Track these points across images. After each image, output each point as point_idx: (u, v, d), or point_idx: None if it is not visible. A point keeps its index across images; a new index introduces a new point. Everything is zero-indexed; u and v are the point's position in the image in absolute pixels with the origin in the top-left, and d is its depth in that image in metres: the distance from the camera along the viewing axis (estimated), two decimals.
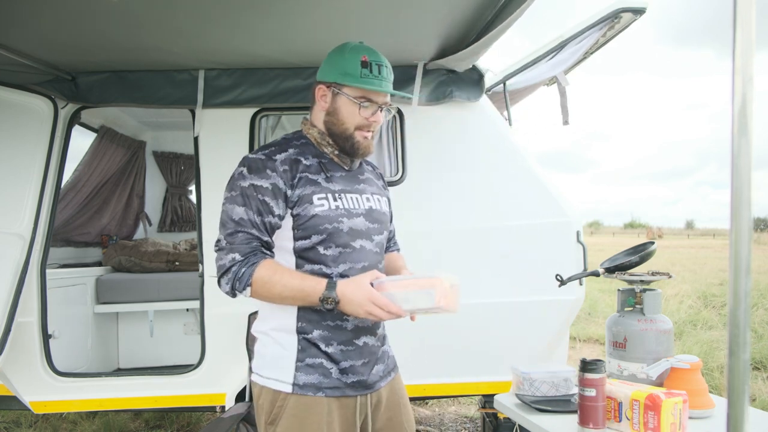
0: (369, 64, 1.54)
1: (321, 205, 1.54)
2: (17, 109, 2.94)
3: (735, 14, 1.02)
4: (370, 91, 1.55)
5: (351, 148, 1.60)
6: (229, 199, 1.55)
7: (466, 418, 4.22)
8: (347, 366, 1.57)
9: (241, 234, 1.50)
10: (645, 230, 68.03)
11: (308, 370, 1.54)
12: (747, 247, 1.03)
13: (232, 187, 1.56)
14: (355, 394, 1.59)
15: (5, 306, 2.71)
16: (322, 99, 1.61)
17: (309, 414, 1.52)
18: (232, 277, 1.48)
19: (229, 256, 1.49)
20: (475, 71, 3.02)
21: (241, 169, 1.57)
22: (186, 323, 4.20)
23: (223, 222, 1.54)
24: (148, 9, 2.20)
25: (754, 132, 1.03)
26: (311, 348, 1.55)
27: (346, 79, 1.54)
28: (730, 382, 1.04)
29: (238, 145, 3.04)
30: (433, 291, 1.41)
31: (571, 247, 3.03)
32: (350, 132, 1.58)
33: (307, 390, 1.52)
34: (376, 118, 1.59)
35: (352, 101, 1.56)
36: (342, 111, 1.57)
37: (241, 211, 1.51)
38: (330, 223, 1.54)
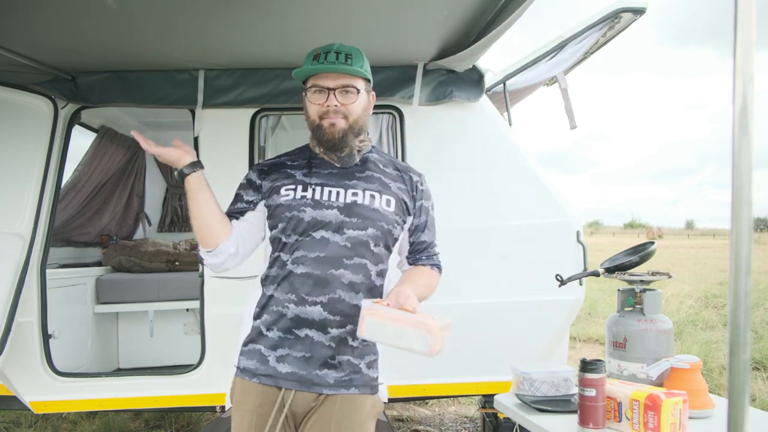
0: (318, 55, 1.59)
1: (286, 195, 1.62)
2: (17, 109, 2.94)
3: (735, 14, 1.02)
4: (317, 76, 1.59)
5: (322, 137, 1.61)
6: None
7: (466, 418, 4.22)
8: (284, 354, 1.55)
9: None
10: (645, 230, 68.04)
11: (249, 355, 1.60)
12: (747, 247, 1.03)
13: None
14: (284, 386, 1.54)
15: (5, 306, 2.71)
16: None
17: (245, 398, 1.57)
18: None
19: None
20: (475, 71, 3.02)
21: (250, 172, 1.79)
22: (186, 323, 4.20)
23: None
24: (148, 10, 2.20)
25: (754, 132, 1.03)
26: (256, 333, 1.61)
27: (298, 74, 1.62)
28: (730, 382, 1.04)
29: (238, 145, 3.04)
30: (429, 337, 1.36)
31: (571, 247, 3.03)
32: (317, 122, 1.61)
33: (245, 374, 1.58)
34: (330, 101, 1.57)
35: (307, 92, 1.62)
36: (307, 107, 1.63)
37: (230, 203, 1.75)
38: (290, 212, 1.59)
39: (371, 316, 1.40)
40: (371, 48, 2.71)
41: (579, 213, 3.16)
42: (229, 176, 3.01)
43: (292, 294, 1.55)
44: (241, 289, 2.98)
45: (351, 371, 1.58)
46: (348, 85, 1.59)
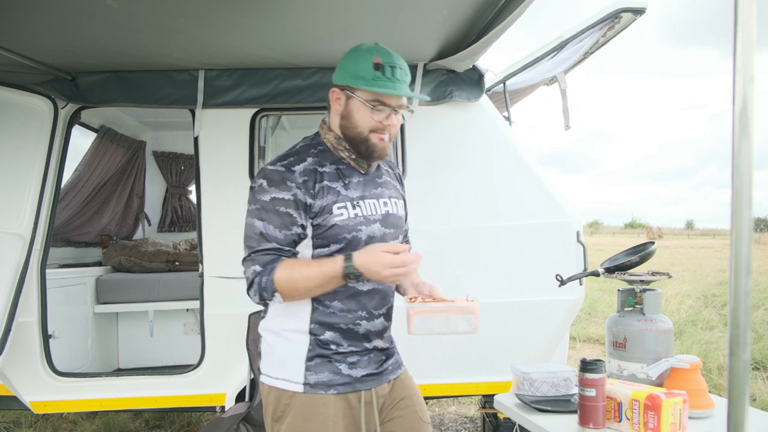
0: (382, 66, 1.52)
1: (340, 215, 1.55)
2: (17, 109, 2.94)
3: (736, 14, 1.02)
4: (383, 94, 1.53)
5: (366, 150, 1.58)
6: (251, 213, 1.57)
7: (466, 418, 4.22)
8: (355, 360, 1.59)
9: (262, 248, 1.54)
10: (645, 230, 68.03)
11: (318, 369, 1.55)
12: (747, 247, 1.03)
13: (253, 200, 1.56)
14: (362, 389, 1.60)
15: (5, 306, 2.71)
16: (336, 102, 1.60)
17: (315, 412, 1.53)
18: (257, 288, 1.52)
19: (251, 269, 1.54)
20: (475, 71, 3.02)
21: (260, 181, 1.55)
22: (186, 323, 4.20)
23: (247, 236, 1.57)
24: (148, 10, 2.20)
25: (754, 132, 1.03)
26: (321, 348, 1.57)
27: (358, 82, 1.52)
28: (730, 382, 1.04)
29: (238, 145, 3.04)
30: (472, 317, 1.55)
31: (571, 247, 3.02)
32: (365, 135, 1.56)
33: (318, 389, 1.54)
34: (390, 121, 1.56)
35: (365, 105, 1.53)
36: (355, 115, 1.55)
37: (261, 225, 1.53)
38: (349, 233, 1.55)
39: (417, 315, 1.53)
40: None
41: (579, 213, 3.16)
42: (229, 176, 3.05)
43: (362, 311, 1.60)
44: (241, 289, 2.98)
45: (396, 354, 1.75)
46: (402, 106, 1.59)
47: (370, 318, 1.61)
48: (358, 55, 1.55)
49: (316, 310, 1.57)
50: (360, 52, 1.55)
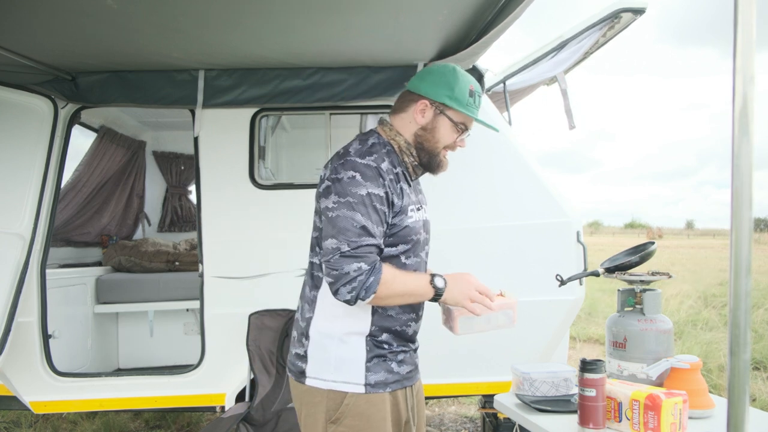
0: (474, 94, 1.63)
1: (411, 217, 1.62)
2: (17, 109, 2.94)
3: (736, 14, 1.02)
4: (469, 119, 1.64)
5: (433, 164, 1.67)
6: (347, 205, 1.51)
7: (466, 418, 4.22)
8: (402, 358, 1.66)
9: (366, 243, 1.49)
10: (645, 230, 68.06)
11: (376, 369, 1.60)
12: (747, 247, 1.03)
13: (346, 192, 1.51)
14: (408, 385, 1.68)
15: (5, 306, 2.71)
16: (420, 113, 1.64)
17: (375, 410, 1.58)
18: (358, 286, 1.47)
19: (354, 265, 1.47)
20: (475, 71, 3.02)
21: (352, 173, 1.52)
22: (186, 323, 4.20)
23: (344, 228, 1.49)
24: (148, 10, 2.20)
25: (754, 132, 1.03)
26: (378, 347, 1.61)
27: (453, 103, 1.61)
28: (730, 382, 1.04)
29: (238, 145, 3.04)
30: (511, 312, 1.65)
31: (571, 247, 3.02)
32: (439, 150, 1.66)
33: (378, 388, 1.59)
34: (463, 143, 1.69)
35: (454, 125, 1.63)
36: (440, 130, 1.64)
37: (362, 219, 1.49)
38: (415, 235, 1.62)
39: (461, 315, 1.61)
40: (371, 48, 2.73)
41: (579, 213, 3.16)
42: (229, 176, 3.05)
43: (413, 313, 1.68)
44: (241, 289, 2.99)
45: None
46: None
47: (417, 320, 1.70)
48: (458, 77, 1.62)
49: (376, 313, 1.60)
50: (459, 75, 1.63)
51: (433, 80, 1.62)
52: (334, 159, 1.60)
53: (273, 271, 2.99)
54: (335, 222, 1.50)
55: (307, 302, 1.66)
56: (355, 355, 1.59)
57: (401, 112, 1.67)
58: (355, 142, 1.63)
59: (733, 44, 1.03)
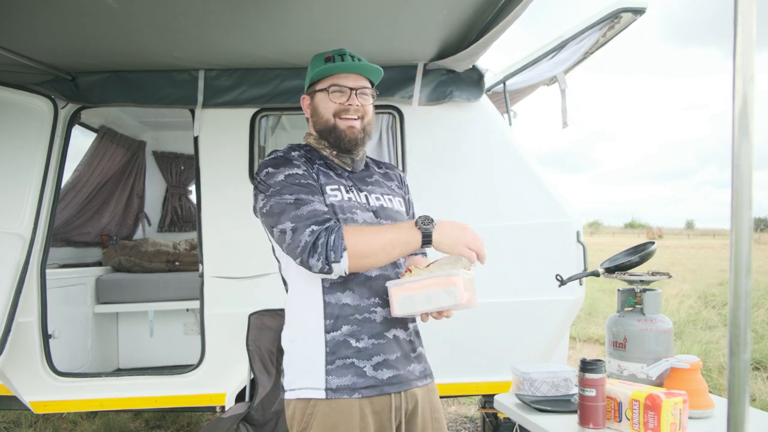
0: (332, 57, 1.62)
1: (335, 196, 1.55)
2: (17, 109, 2.94)
3: (735, 14, 1.02)
4: (336, 76, 1.60)
5: (336, 139, 1.60)
6: (272, 196, 1.48)
7: (466, 418, 4.22)
8: (380, 360, 1.50)
9: (305, 211, 1.43)
10: (645, 230, 68.04)
11: (340, 372, 1.47)
12: (747, 247, 1.03)
13: (266, 187, 1.50)
14: (390, 392, 1.51)
15: (5, 306, 2.71)
16: (307, 109, 1.69)
17: (341, 419, 1.44)
18: (321, 249, 1.38)
19: (306, 231, 1.39)
20: (475, 71, 3.02)
21: (265, 170, 1.53)
22: (186, 323, 4.20)
23: (279, 211, 1.45)
24: (148, 10, 2.20)
25: (754, 132, 1.03)
26: (340, 348, 1.48)
27: (313, 77, 1.62)
28: (730, 382, 1.04)
29: (238, 145, 3.04)
30: (454, 289, 1.40)
31: (571, 247, 3.02)
32: (332, 122, 1.60)
33: (341, 393, 1.45)
34: (352, 101, 1.59)
35: (324, 92, 1.61)
36: (320, 107, 1.62)
37: (291, 197, 1.45)
38: (344, 214, 1.53)
39: (399, 294, 1.44)
40: (371, 48, 2.72)
41: (579, 213, 3.16)
42: (229, 176, 3.05)
43: (375, 297, 1.53)
44: (240, 289, 2.99)
45: (425, 361, 1.66)
46: (366, 87, 1.63)
47: (385, 304, 1.53)
48: (313, 59, 1.67)
49: (329, 305, 1.50)
50: (314, 57, 1.67)
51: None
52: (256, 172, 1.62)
53: (273, 271, 2.94)
54: (271, 211, 1.46)
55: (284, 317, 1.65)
56: (313, 355, 1.49)
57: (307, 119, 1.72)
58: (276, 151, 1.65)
59: (733, 44, 1.03)
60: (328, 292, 1.52)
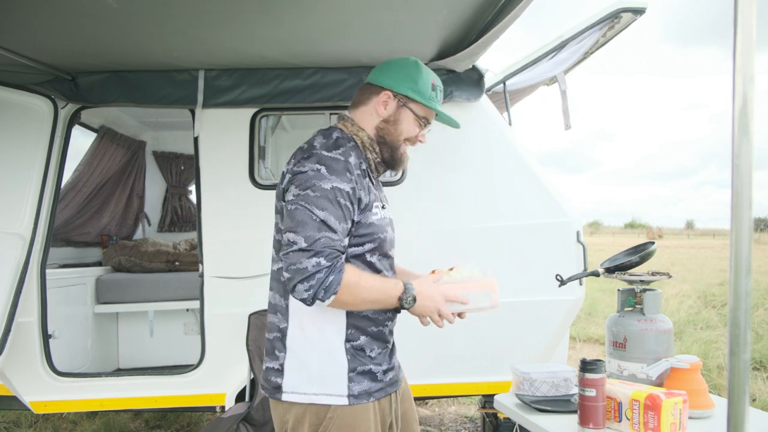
0: (436, 88, 1.62)
1: (376, 214, 1.56)
2: (17, 109, 2.94)
3: (735, 14, 1.02)
4: (431, 112, 1.63)
5: (394, 159, 1.63)
6: (307, 199, 1.42)
7: (466, 418, 4.22)
8: (387, 366, 1.61)
9: (324, 238, 1.40)
10: (645, 230, 68.04)
11: (359, 379, 1.53)
12: (747, 247, 1.03)
13: (308, 184, 1.44)
14: (392, 391, 1.63)
15: (5, 306, 2.71)
16: (383, 105, 1.59)
17: (361, 421, 1.51)
18: (316, 284, 1.37)
19: (313, 260, 1.38)
20: (475, 71, 3.02)
21: (317, 166, 1.45)
22: (186, 323, 4.20)
23: (301, 222, 1.41)
24: (148, 10, 2.20)
25: (754, 132, 1.03)
26: (359, 356, 1.54)
27: (417, 95, 1.58)
28: (730, 382, 1.04)
29: (238, 145, 3.04)
30: (491, 293, 1.57)
31: (571, 247, 3.02)
32: (400, 143, 1.62)
33: (361, 398, 1.52)
34: (424, 138, 1.67)
35: (416, 117, 1.60)
36: (403, 123, 1.60)
37: (323, 214, 1.41)
38: (381, 233, 1.56)
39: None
40: (371, 48, 2.73)
41: (579, 213, 3.16)
42: (229, 176, 3.05)
43: (389, 312, 1.60)
44: (240, 289, 2.99)
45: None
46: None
47: (394, 318, 1.64)
48: (420, 70, 1.60)
49: (351, 315, 1.53)
50: (420, 68, 1.61)
51: (395, 72, 1.59)
52: (297, 153, 1.52)
53: None
54: (294, 215, 1.42)
55: (279, 311, 1.56)
56: (337, 365, 1.51)
57: (362, 105, 1.62)
58: (318, 136, 1.56)
59: (733, 44, 1.03)
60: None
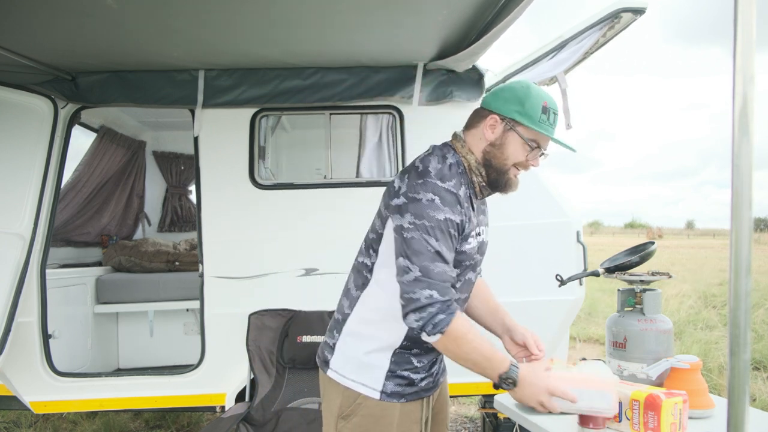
0: (548, 111, 1.57)
1: (470, 243, 1.58)
2: (17, 109, 2.94)
3: (735, 14, 1.02)
4: (542, 136, 1.57)
5: (501, 182, 1.62)
6: (423, 228, 1.45)
7: (466, 418, 4.22)
8: (425, 375, 1.65)
9: (438, 269, 1.45)
10: (645, 230, 68.03)
11: (397, 380, 1.59)
12: (747, 247, 1.03)
13: (423, 214, 1.46)
14: (425, 396, 1.67)
15: (5, 306, 2.71)
16: (490, 129, 1.59)
17: (385, 414, 1.58)
18: (426, 317, 1.43)
19: (426, 292, 1.43)
20: (475, 71, 3.02)
21: (432, 196, 1.47)
22: (186, 323, 4.20)
23: (417, 251, 1.45)
24: (148, 10, 2.20)
25: (754, 132, 1.03)
26: (403, 362, 1.60)
27: (524, 119, 1.55)
28: (730, 382, 1.04)
29: (238, 145, 3.04)
30: (610, 395, 1.46)
31: (571, 247, 3.02)
32: (507, 168, 1.60)
33: (393, 398, 1.58)
34: (536, 161, 1.61)
35: (524, 141, 1.57)
36: (509, 147, 1.58)
37: (437, 245, 1.45)
38: (469, 260, 1.59)
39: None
40: (371, 48, 2.73)
41: (579, 213, 3.16)
42: (229, 176, 3.05)
43: None
44: (240, 289, 2.99)
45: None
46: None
47: None
48: (528, 93, 1.56)
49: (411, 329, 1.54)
50: (530, 91, 1.57)
51: (503, 96, 1.59)
52: (412, 175, 1.52)
53: (273, 271, 2.99)
54: (410, 243, 1.45)
55: (348, 298, 1.65)
56: (379, 363, 1.59)
57: (472, 128, 1.65)
58: (433, 158, 1.57)
59: (733, 44, 1.03)
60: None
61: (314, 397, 2.88)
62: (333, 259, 2.96)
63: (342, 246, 3.06)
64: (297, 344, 2.92)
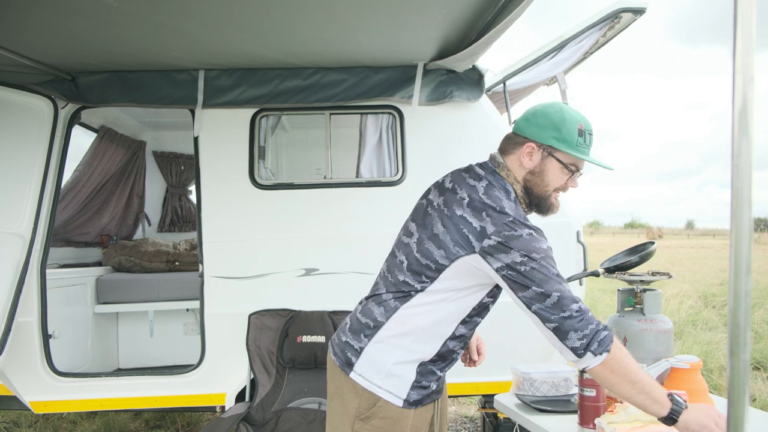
0: (584, 133, 1.56)
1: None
2: (17, 109, 2.94)
3: (735, 14, 1.02)
4: (580, 160, 1.58)
5: (543, 207, 1.63)
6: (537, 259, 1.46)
7: (466, 418, 4.22)
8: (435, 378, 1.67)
9: (569, 290, 1.47)
10: (645, 230, 68.02)
11: (419, 390, 1.62)
12: (747, 247, 1.03)
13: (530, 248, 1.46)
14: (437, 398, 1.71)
15: (5, 306, 2.71)
16: (528, 157, 1.59)
17: (402, 417, 1.60)
18: (590, 334, 1.41)
19: (574, 306, 1.44)
20: (475, 71, 3.02)
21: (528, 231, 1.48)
22: (186, 323, 4.20)
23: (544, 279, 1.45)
24: (148, 10, 2.20)
25: (754, 132, 1.03)
26: (428, 375, 1.62)
27: (562, 145, 1.55)
28: (730, 382, 1.04)
29: (238, 145, 3.04)
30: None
31: (571, 247, 3.02)
32: (549, 193, 1.60)
33: (413, 405, 1.61)
34: (575, 183, 1.62)
35: (563, 167, 1.57)
36: (549, 173, 1.58)
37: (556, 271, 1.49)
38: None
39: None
40: (371, 48, 2.73)
41: (579, 213, 3.16)
42: (229, 176, 3.05)
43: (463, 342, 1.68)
44: (240, 289, 2.99)
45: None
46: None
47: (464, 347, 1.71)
48: (563, 117, 1.55)
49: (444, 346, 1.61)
50: (565, 115, 1.56)
51: (538, 121, 1.57)
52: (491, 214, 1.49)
53: (273, 271, 2.99)
54: (532, 275, 1.44)
55: (383, 307, 1.61)
56: (406, 374, 1.60)
57: (509, 155, 1.63)
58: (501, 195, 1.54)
59: (733, 44, 1.03)
60: (452, 339, 1.61)
61: (314, 397, 2.88)
62: (333, 259, 2.96)
63: (342, 246, 3.06)
64: (297, 344, 2.92)
